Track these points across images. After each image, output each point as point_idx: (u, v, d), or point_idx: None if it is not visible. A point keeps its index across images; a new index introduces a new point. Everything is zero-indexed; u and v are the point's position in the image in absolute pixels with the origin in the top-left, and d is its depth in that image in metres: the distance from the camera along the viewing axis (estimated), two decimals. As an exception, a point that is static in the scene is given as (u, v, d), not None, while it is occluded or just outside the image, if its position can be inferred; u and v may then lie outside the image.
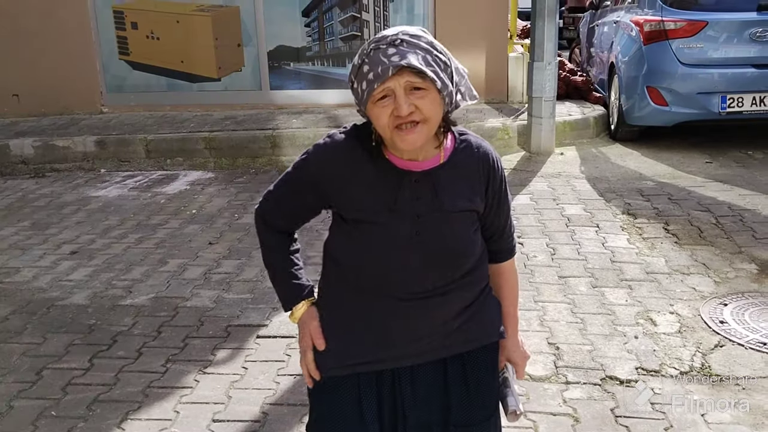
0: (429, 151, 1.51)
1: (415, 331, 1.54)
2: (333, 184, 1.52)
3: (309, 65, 7.47)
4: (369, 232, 1.49)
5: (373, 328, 1.54)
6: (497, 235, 1.64)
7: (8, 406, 2.74)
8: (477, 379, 1.62)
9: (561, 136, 6.38)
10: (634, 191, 5.08)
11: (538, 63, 5.96)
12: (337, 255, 1.57)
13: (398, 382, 1.58)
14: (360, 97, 1.44)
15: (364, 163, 1.50)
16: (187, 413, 2.67)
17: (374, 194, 1.49)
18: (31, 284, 3.88)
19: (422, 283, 1.51)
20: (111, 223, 4.84)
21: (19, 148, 6.42)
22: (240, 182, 5.75)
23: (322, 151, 1.54)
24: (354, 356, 1.56)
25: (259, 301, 3.57)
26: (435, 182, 1.50)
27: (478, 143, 1.58)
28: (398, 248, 1.48)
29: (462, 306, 1.57)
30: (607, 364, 2.90)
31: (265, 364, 2.99)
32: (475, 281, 1.59)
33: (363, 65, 1.42)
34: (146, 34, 7.41)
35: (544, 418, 2.58)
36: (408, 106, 1.38)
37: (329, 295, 1.62)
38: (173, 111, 7.34)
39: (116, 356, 3.09)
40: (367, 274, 1.52)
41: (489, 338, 1.64)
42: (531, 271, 3.78)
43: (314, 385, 1.62)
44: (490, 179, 1.56)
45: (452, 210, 1.50)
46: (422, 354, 1.56)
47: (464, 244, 1.53)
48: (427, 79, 1.39)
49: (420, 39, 1.41)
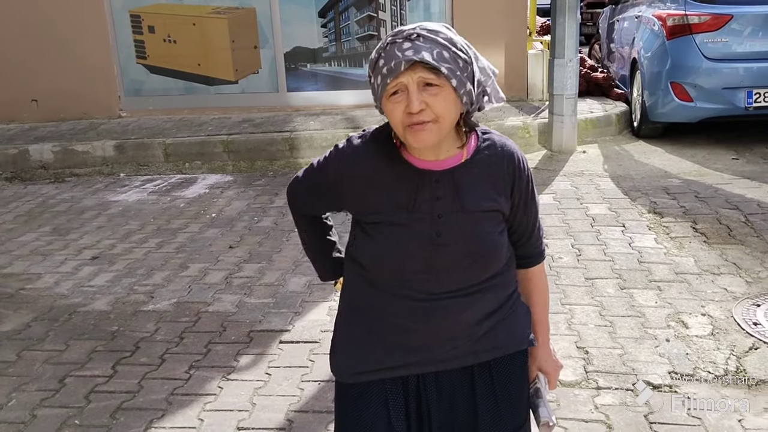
0: (450, 150, 1.46)
1: (437, 334, 1.49)
2: (351, 188, 1.49)
3: (326, 66, 7.43)
4: (389, 233, 1.45)
5: (395, 330, 1.50)
6: (525, 238, 1.58)
7: (31, 415, 2.72)
8: (505, 388, 1.56)
9: (583, 134, 6.30)
10: (659, 189, 4.99)
11: (559, 60, 5.87)
12: (357, 255, 1.53)
13: (424, 390, 1.53)
14: (376, 91, 1.41)
15: (382, 165, 1.47)
16: (212, 421, 2.64)
17: (393, 196, 1.45)
18: (53, 290, 3.87)
19: (444, 284, 1.46)
20: (131, 228, 4.83)
21: (38, 153, 6.45)
22: (258, 185, 5.72)
23: (340, 154, 1.52)
24: (378, 361, 1.51)
25: (281, 306, 3.53)
26: (456, 182, 1.45)
27: (502, 142, 1.53)
28: (418, 249, 1.44)
29: (487, 310, 1.51)
30: (639, 369, 2.82)
31: (289, 370, 2.95)
32: (501, 285, 1.53)
33: (379, 59, 1.38)
34: (163, 38, 7.41)
35: (576, 425, 2.51)
36: (419, 103, 1.34)
37: (351, 297, 1.58)
38: (191, 114, 7.34)
39: (139, 363, 3.07)
40: (386, 274, 1.48)
41: (518, 345, 1.58)
42: (557, 273, 3.71)
43: (339, 393, 1.58)
44: (516, 179, 1.51)
45: (475, 210, 1.46)
46: (447, 360, 1.51)
47: (488, 246, 1.47)
48: (442, 76, 1.34)
49: (438, 34, 1.36)
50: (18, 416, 2.72)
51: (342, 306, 1.61)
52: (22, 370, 3.06)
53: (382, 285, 1.49)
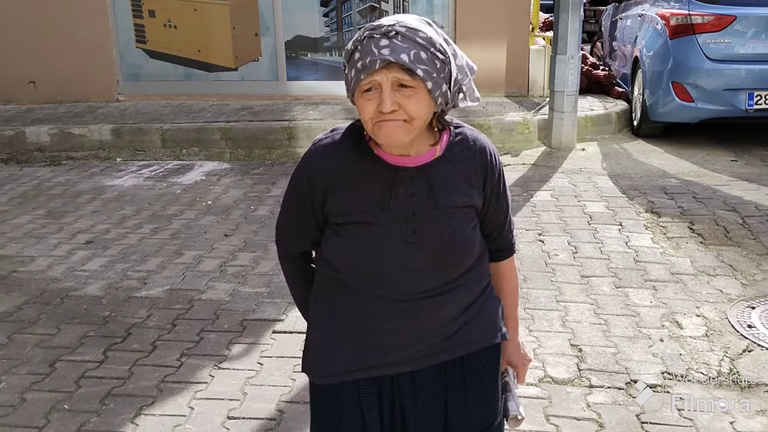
0: (422, 146, 1.44)
1: (413, 334, 1.47)
2: (325, 190, 1.44)
3: (326, 56, 7.39)
4: (362, 232, 1.42)
5: (369, 331, 1.47)
6: (497, 233, 1.57)
7: (21, 399, 2.70)
8: (476, 383, 1.55)
9: (582, 132, 6.28)
10: (657, 189, 4.98)
11: (561, 56, 5.85)
12: (330, 257, 1.48)
13: (398, 389, 1.51)
14: (349, 84, 1.37)
15: (353, 163, 1.43)
16: (202, 409, 2.62)
17: (366, 193, 1.42)
18: (46, 274, 3.85)
19: (419, 284, 1.44)
20: (126, 213, 4.80)
21: (35, 135, 6.41)
22: (256, 174, 5.69)
23: (308, 160, 1.48)
24: (351, 362, 1.48)
25: (275, 296, 3.52)
26: (430, 178, 1.43)
27: (474, 136, 1.50)
28: (393, 248, 1.41)
29: (461, 307, 1.50)
30: (632, 368, 2.81)
31: (281, 360, 2.94)
32: (474, 280, 1.52)
33: (355, 52, 1.34)
34: (163, 23, 7.36)
35: (568, 422, 2.50)
36: (392, 103, 1.31)
37: (323, 299, 1.54)
38: (189, 100, 7.30)
39: (130, 349, 3.05)
40: (360, 276, 1.45)
41: (490, 340, 1.56)
42: (552, 270, 3.70)
43: (313, 394, 1.56)
44: (488, 173, 1.49)
45: (449, 206, 1.44)
46: (422, 358, 1.49)
47: (463, 241, 1.45)
48: (417, 78, 1.30)
49: (417, 33, 1.31)
50: (7, 399, 2.70)
51: (314, 307, 1.57)
52: (13, 353, 3.04)
53: (356, 286, 1.46)
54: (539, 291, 3.46)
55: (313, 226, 1.50)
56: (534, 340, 3.02)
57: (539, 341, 3.01)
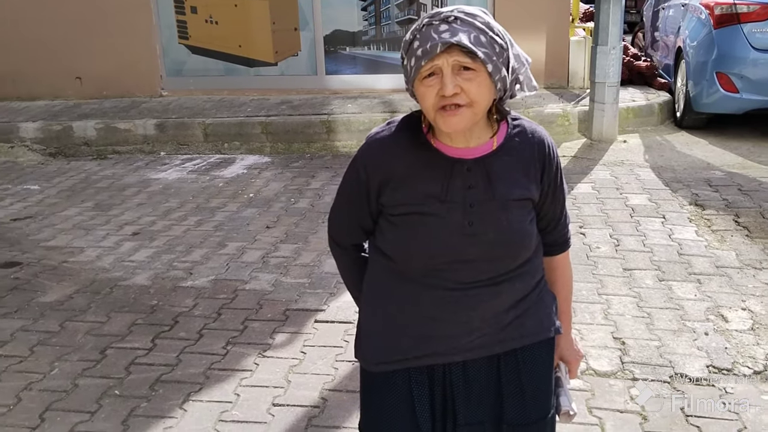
0: (481, 138, 1.44)
1: (466, 324, 1.47)
2: (381, 182, 1.45)
3: (365, 50, 7.42)
4: (418, 223, 1.43)
5: (422, 320, 1.48)
6: (552, 226, 1.57)
7: (73, 384, 2.80)
8: (532, 376, 1.54)
9: (624, 123, 6.19)
10: (701, 181, 4.89)
11: (602, 47, 5.77)
12: (384, 247, 1.50)
13: (449, 378, 1.52)
14: (408, 74, 1.38)
15: (410, 155, 1.44)
16: (248, 396, 2.68)
17: (423, 185, 1.42)
18: (95, 264, 3.96)
19: (474, 274, 1.44)
20: (171, 206, 4.91)
21: (82, 130, 6.58)
22: (295, 167, 5.76)
23: (365, 153, 1.49)
24: (403, 350, 1.50)
25: (317, 286, 3.57)
26: (488, 170, 1.43)
27: (532, 128, 1.50)
28: (450, 240, 1.42)
29: (515, 298, 1.50)
30: (677, 361, 2.79)
31: (324, 350, 2.98)
32: (529, 273, 1.52)
33: (414, 41, 1.35)
34: (205, 18, 7.47)
35: (611, 415, 2.50)
36: (453, 86, 1.31)
37: (376, 287, 1.56)
38: (230, 95, 7.40)
39: (178, 337, 3.13)
40: (415, 266, 1.46)
41: (545, 333, 1.56)
42: (594, 262, 3.68)
43: (364, 380, 1.58)
44: (546, 165, 1.48)
45: (507, 198, 1.43)
46: (474, 349, 1.50)
47: (520, 235, 1.45)
48: (477, 60, 1.31)
49: (476, 18, 1.33)
50: (60, 385, 2.80)
51: (367, 295, 1.59)
52: (65, 340, 3.14)
53: (410, 275, 1.47)
54: (581, 284, 3.44)
55: (368, 216, 1.52)
56: (576, 333, 3.01)
57: (581, 334, 3.00)
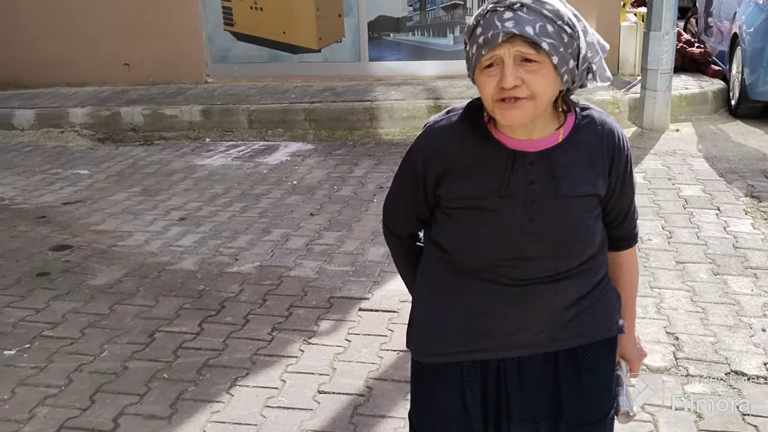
0: (546, 130, 1.36)
1: (521, 320, 1.42)
2: (440, 174, 1.40)
3: (409, 36, 7.35)
4: (476, 218, 1.38)
5: (476, 314, 1.44)
6: (618, 221, 1.49)
7: (123, 367, 2.84)
8: (591, 376, 1.48)
9: (676, 112, 6.01)
10: (757, 172, 4.72)
11: (655, 33, 5.60)
12: (440, 240, 1.45)
13: (504, 374, 1.47)
14: (470, 61, 1.32)
15: (470, 146, 1.38)
16: (294, 382, 2.69)
17: (482, 179, 1.36)
18: (143, 248, 4.02)
19: (532, 271, 1.39)
20: (216, 192, 4.95)
21: (129, 115, 6.67)
22: (338, 154, 5.75)
23: (423, 141, 1.44)
24: (456, 344, 1.46)
25: (361, 274, 3.55)
26: (552, 164, 1.36)
27: (602, 119, 1.42)
28: (508, 236, 1.36)
29: (576, 296, 1.44)
30: (732, 358, 2.70)
31: (368, 338, 2.97)
32: (591, 270, 1.45)
33: (477, 27, 1.29)
34: (250, 5, 7.49)
35: (664, 412, 2.43)
36: (514, 78, 1.24)
37: (430, 278, 1.52)
38: (275, 82, 7.42)
39: (224, 322, 3.15)
40: (471, 260, 1.41)
41: (606, 333, 1.50)
42: (646, 255, 3.57)
43: (415, 371, 1.55)
44: (615, 159, 1.41)
45: (571, 195, 1.36)
46: (531, 345, 1.45)
47: (583, 233, 1.39)
48: (542, 52, 1.24)
49: (544, 5, 1.26)
50: (110, 367, 2.84)
51: (420, 285, 1.55)
52: (114, 323, 3.19)
53: (467, 270, 1.42)
54: (631, 276, 3.35)
55: (424, 207, 1.47)
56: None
57: (632, 327, 2.92)
